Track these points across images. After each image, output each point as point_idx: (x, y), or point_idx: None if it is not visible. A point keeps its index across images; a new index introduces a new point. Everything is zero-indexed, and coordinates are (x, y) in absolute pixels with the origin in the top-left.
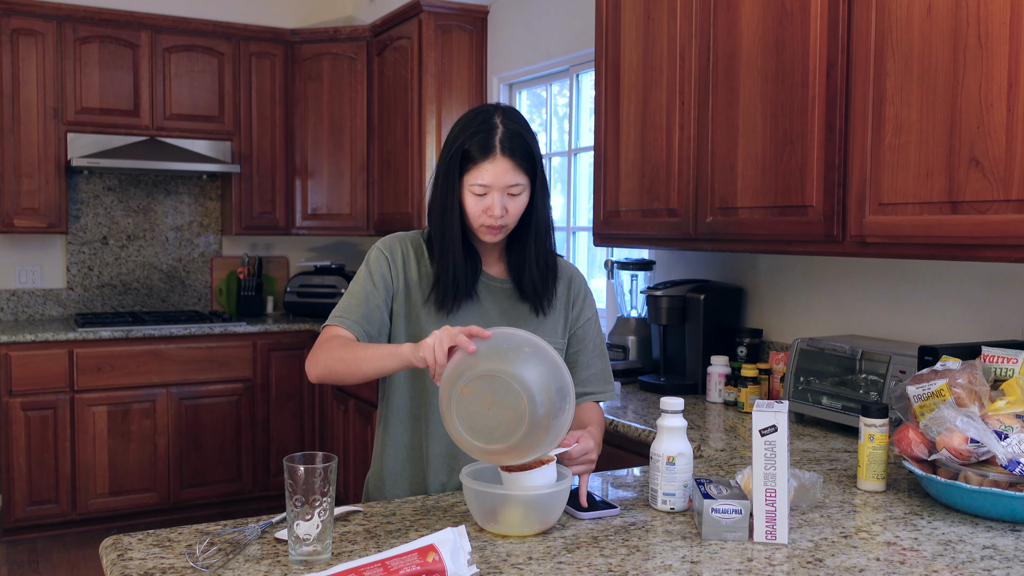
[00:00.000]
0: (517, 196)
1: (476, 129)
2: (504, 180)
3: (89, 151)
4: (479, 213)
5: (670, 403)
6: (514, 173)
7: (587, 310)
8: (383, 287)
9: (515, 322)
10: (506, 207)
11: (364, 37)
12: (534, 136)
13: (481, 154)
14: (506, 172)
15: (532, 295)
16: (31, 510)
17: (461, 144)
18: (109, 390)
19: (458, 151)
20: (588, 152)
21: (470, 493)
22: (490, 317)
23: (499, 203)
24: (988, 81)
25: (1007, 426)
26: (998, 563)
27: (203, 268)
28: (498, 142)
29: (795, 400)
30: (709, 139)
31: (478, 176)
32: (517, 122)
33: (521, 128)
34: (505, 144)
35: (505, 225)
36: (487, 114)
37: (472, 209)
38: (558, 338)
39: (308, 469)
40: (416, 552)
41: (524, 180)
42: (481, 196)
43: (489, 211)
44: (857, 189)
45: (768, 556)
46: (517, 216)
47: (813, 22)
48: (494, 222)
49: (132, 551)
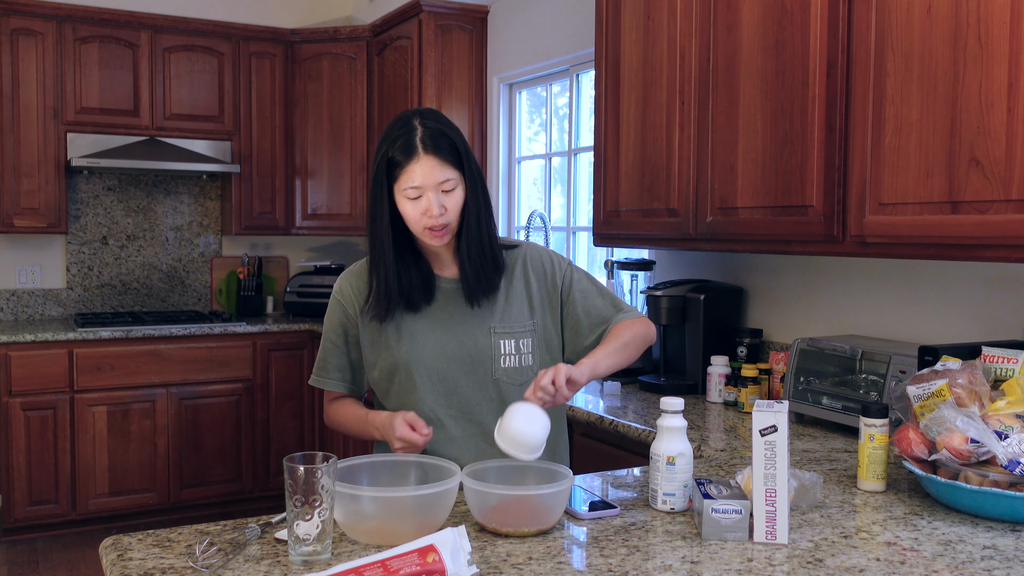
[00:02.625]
0: (451, 192)
1: (396, 135)
2: (433, 177)
3: (89, 151)
4: (418, 217)
5: (670, 403)
6: (442, 169)
7: (558, 272)
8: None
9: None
10: (443, 205)
11: (364, 37)
12: (457, 130)
13: (405, 156)
14: (433, 169)
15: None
16: (31, 510)
17: (384, 153)
18: (109, 390)
19: (383, 160)
20: (588, 152)
21: (470, 493)
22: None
23: (436, 202)
24: (988, 81)
25: (1007, 426)
26: (998, 563)
27: (203, 268)
28: (419, 141)
29: (795, 400)
30: (709, 139)
31: (408, 179)
32: (436, 120)
33: (441, 124)
34: (427, 142)
35: (447, 224)
36: (405, 119)
37: (411, 215)
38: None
39: (308, 469)
40: (416, 552)
41: (455, 175)
42: (416, 200)
43: (428, 212)
44: (857, 189)
45: (768, 556)
46: (457, 212)
47: (813, 22)
48: (435, 222)
49: (132, 551)
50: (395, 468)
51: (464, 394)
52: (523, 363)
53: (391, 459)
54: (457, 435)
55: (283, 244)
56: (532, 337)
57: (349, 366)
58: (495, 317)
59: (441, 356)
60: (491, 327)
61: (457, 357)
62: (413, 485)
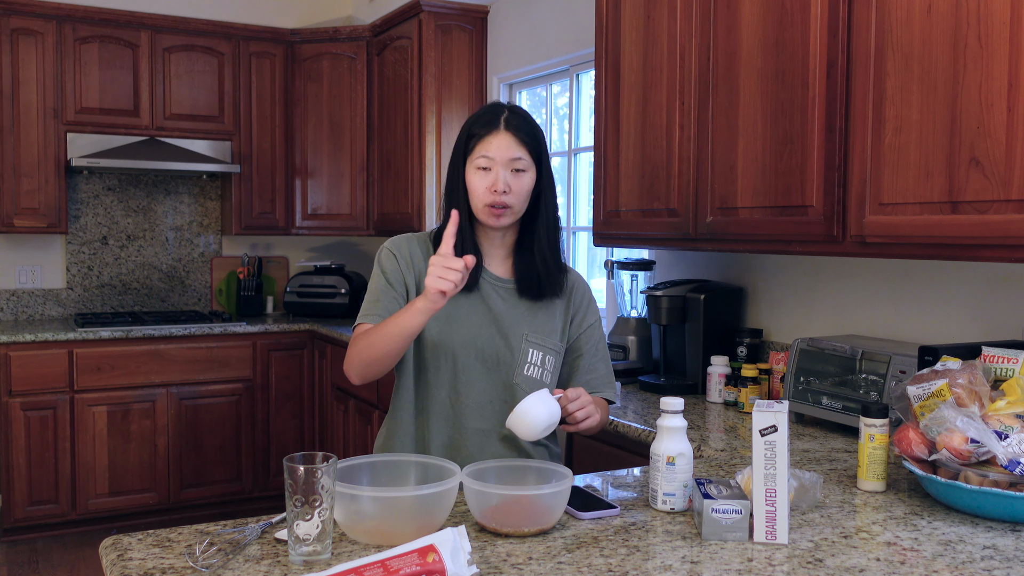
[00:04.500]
0: (521, 174)
1: (482, 113)
2: (507, 152)
3: (89, 151)
4: (483, 191)
5: (670, 403)
6: (517, 147)
7: (589, 316)
8: (397, 283)
9: (514, 319)
10: (509, 184)
11: (364, 37)
12: (540, 129)
13: (485, 129)
14: (509, 145)
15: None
16: (31, 510)
17: (468, 128)
18: (109, 390)
19: (464, 134)
20: (588, 152)
21: (470, 493)
22: (492, 314)
23: (503, 178)
24: (988, 81)
25: (1007, 426)
26: (998, 563)
27: (203, 268)
28: (503, 120)
29: (795, 400)
30: (709, 139)
31: (482, 149)
32: (524, 112)
33: (527, 116)
34: (510, 121)
35: (510, 206)
36: (496, 104)
37: (476, 187)
38: (556, 339)
39: (308, 469)
40: (416, 552)
41: (527, 158)
42: (485, 171)
43: (493, 186)
44: (857, 189)
45: (768, 556)
46: (522, 197)
47: (813, 22)
48: (498, 198)
49: (132, 551)
50: (395, 468)
51: (479, 389)
52: (543, 377)
53: (391, 459)
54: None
55: (283, 244)
56: (556, 358)
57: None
58: (531, 324)
59: (471, 347)
60: (524, 334)
61: (485, 352)
62: (413, 485)
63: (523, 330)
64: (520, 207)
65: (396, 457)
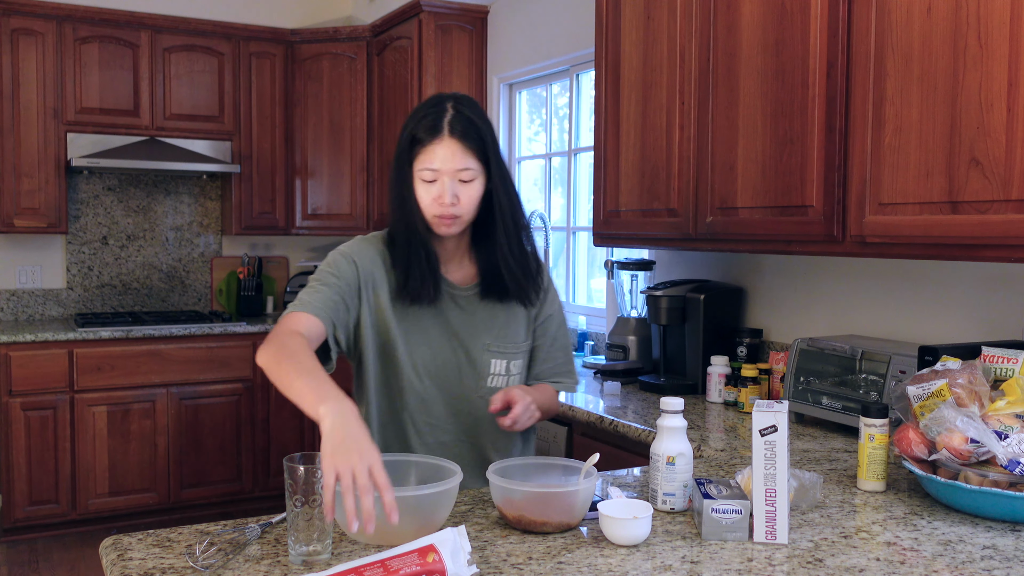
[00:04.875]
0: (469, 183)
1: (425, 113)
2: (453, 163)
3: (89, 151)
4: (430, 202)
5: (670, 403)
6: (463, 156)
7: (548, 306)
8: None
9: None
10: (457, 195)
11: (364, 37)
12: (489, 124)
13: (429, 135)
14: (455, 154)
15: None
16: (31, 510)
17: (410, 129)
18: (109, 390)
19: (407, 137)
20: (588, 152)
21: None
22: (452, 329)
23: (449, 189)
24: (988, 81)
25: (1007, 426)
26: (998, 563)
27: (203, 268)
28: (446, 123)
29: (795, 400)
30: (709, 139)
31: (426, 159)
32: (470, 108)
33: (474, 114)
34: (455, 126)
35: (459, 216)
36: (438, 99)
37: (423, 199)
38: (520, 339)
39: (308, 469)
40: (416, 552)
41: (475, 165)
42: (431, 183)
43: (439, 199)
44: (857, 189)
45: (768, 556)
46: (470, 206)
47: (813, 22)
48: (445, 210)
49: (132, 551)
50: (395, 468)
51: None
52: (509, 384)
53: (391, 459)
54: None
55: (283, 244)
56: (523, 358)
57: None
58: (492, 332)
59: (431, 366)
60: (486, 344)
61: (446, 370)
62: (413, 485)
63: (484, 340)
64: (470, 215)
65: (396, 457)
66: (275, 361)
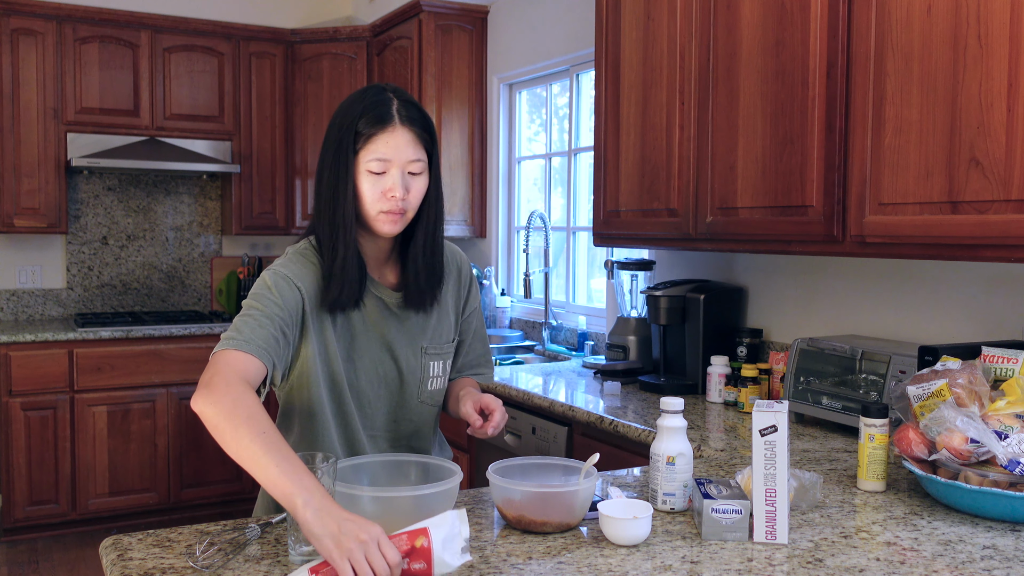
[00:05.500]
0: (417, 176)
1: (368, 103)
2: (406, 153)
3: (89, 151)
4: (377, 197)
5: (670, 403)
6: (415, 147)
7: (472, 300)
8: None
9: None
10: (407, 188)
11: (364, 37)
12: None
13: (378, 125)
14: (408, 144)
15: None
16: (31, 510)
17: (352, 122)
18: (109, 390)
19: (349, 129)
20: (588, 152)
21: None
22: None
23: (400, 182)
24: (988, 81)
25: (1007, 426)
26: (998, 563)
27: (203, 268)
28: (395, 112)
29: (795, 400)
30: (709, 139)
31: (376, 149)
32: (412, 98)
33: (418, 104)
34: (403, 114)
35: (405, 212)
36: (378, 89)
37: (369, 193)
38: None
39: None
40: (407, 535)
41: (424, 158)
42: (379, 176)
43: (389, 192)
44: (857, 189)
45: (768, 556)
46: (417, 202)
47: (813, 22)
48: (395, 205)
49: (132, 551)
50: (395, 468)
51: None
52: (444, 385)
53: (391, 459)
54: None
55: (283, 244)
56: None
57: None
58: (427, 335)
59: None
60: (423, 346)
61: (390, 381)
62: (413, 485)
63: (420, 343)
64: (414, 211)
65: (396, 457)
66: (230, 423)
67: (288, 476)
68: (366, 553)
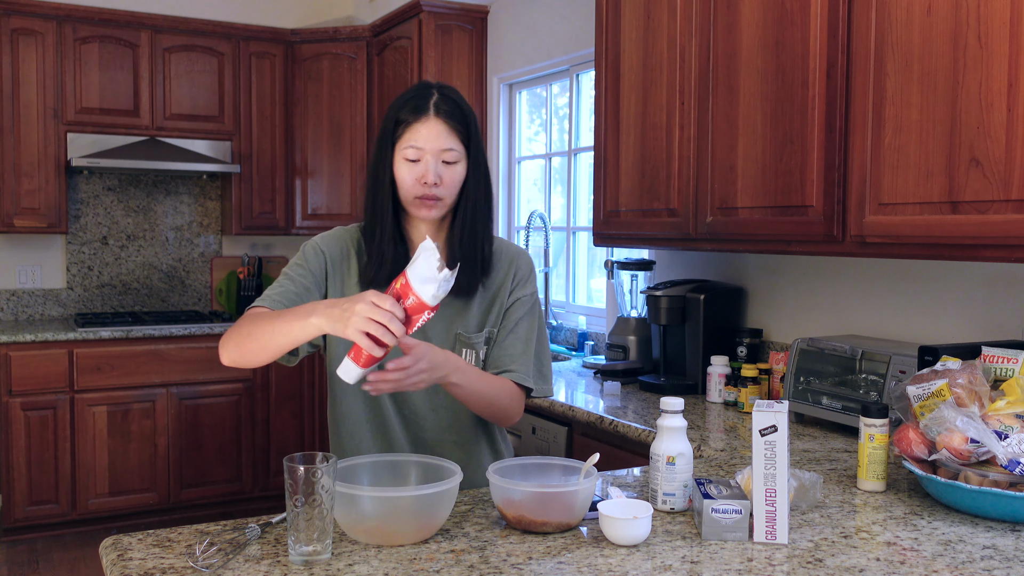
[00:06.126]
0: (452, 165)
1: (410, 96)
2: (438, 143)
3: (89, 151)
4: (412, 183)
5: (670, 403)
6: (448, 137)
7: (519, 290)
8: (312, 279)
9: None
10: (440, 175)
11: (364, 37)
12: (472, 112)
13: (414, 115)
14: (440, 134)
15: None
16: (31, 510)
17: (394, 112)
18: (109, 390)
19: (391, 119)
20: (588, 152)
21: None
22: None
23: (433, 169)
24: (988, 81)
25: (1007, 426)
26: (998, 563)
27: (203, 268)
28: (432, 104)
29: (795, 400)
30: (709, 139)
31: (411, 138)
32: (455, 94)
33: (457, 98)
34: (440, 106)
35: (441, 198)
36: (424, 85)
37: (405, 179)
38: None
39: (308, 469)
40: (390, 286)
41: (459, 147)
42: (414, 163)
43: (423, 178)
44: (857, 189)
45: (768, 556)
46: (454, 189)
47: (813, 22)
48: (428, 191)
49: (132, 551)
50: (395, 468)
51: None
52: None
53: (391, 459)
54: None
55: (283, 244)
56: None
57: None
58: (463, 323)
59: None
60: (457, 333)
61: None
62: (413, 485)
63: (455, 329)
64: (452, 198)
65: (396, 457)
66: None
67: (296, 314)
68: (368, 315)
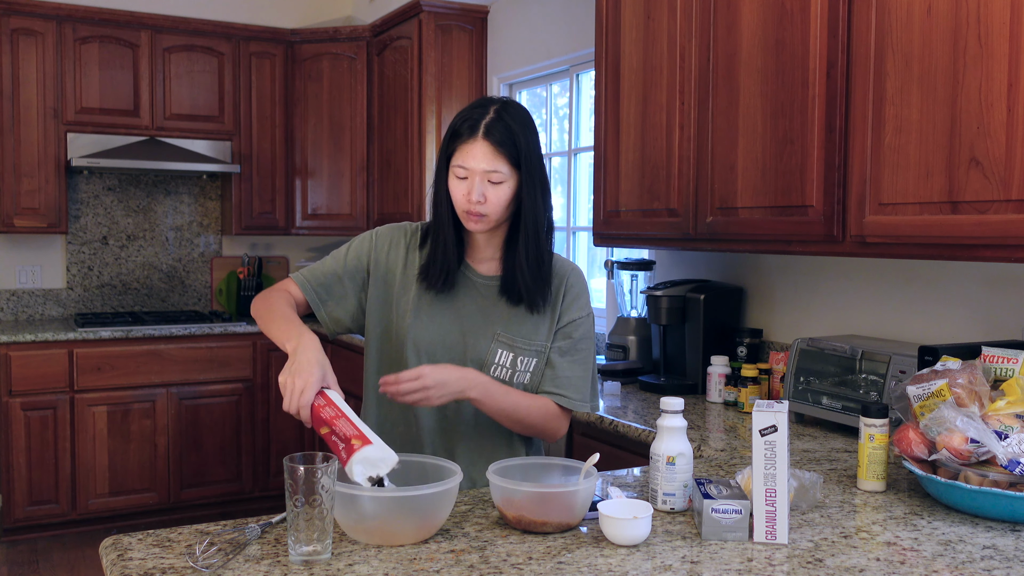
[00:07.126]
0: (498, 185)
1: (470, 110)
2: (482, 164)
3: (89, 151)
4: (460, 198)
5: (670, 403)
6: (493, 159)
7: (572, 312)
8: (355, 265)
9: (488, 318)
10: (485, 194)
11: (364, 37)
12: (528, 132)
13: (466, 134)
14: (484, 156)
15: (525, 295)
16: (31, 510)
17: (453, 127)
18: (109, 390)
19: (450, 132)
20: (588, 152)
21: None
22: (461, 315)
23: (477, 188)
24: (988, 81)
25: (1007, 426)
26: (998, 563)
27: (203, 268)
28: (483, 124)
29: (795, 400)
30: (709, 139)
31: (459, 157)
32: (511, 114)
33: (513, 120)
34: (490, 128)
35: (485, 215)
36: (486, 100)
37: (455, 193)
38: (538, 339)
39: (308, 469)
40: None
41: (505, 169)
42: (463, 180)
43: (468, 196)
44: (857, 189)
45: (768, 556)
46: (499, 207)
47: (813, 22)
48: (472, 207)
49: (132, 551)
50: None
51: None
52: (514, 380)
53: None
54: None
55: (283, 244)
56: (538, 358)
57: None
58: (504, 324)
59: (439, 344)
60: (495, 333)
61: (453, 350)
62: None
63: (495, 329)
64: (497, 215)
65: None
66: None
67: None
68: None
